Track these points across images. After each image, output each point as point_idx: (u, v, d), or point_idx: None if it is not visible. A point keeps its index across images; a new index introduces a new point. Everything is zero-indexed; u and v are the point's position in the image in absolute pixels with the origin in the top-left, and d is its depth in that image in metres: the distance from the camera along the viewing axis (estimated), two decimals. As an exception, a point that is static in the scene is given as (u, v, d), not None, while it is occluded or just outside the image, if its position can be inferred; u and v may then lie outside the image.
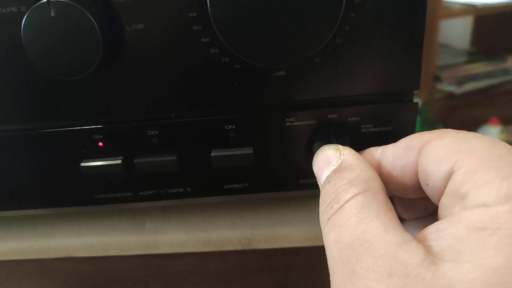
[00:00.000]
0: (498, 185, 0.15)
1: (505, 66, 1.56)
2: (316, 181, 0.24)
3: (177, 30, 0.23)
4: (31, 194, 0.28)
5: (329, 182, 0.19)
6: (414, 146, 0.19)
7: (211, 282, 0.33)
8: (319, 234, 0.31)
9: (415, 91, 0.26)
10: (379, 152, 0.21)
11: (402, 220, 0.22)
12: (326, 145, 0.22)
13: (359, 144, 0.22)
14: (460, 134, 0.18)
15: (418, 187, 0.19)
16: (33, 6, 0.21)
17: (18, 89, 0.25)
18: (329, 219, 0.18)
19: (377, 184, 0.18)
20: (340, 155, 0.20)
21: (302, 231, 0.32)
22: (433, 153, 0.18)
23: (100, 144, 0.26)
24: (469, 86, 1.44)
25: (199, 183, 0.27)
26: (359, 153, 0.22)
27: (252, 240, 0.32)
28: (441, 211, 0.17)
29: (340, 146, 0.21)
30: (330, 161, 0.20)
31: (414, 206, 0.22)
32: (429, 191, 0.18)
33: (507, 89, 1.51)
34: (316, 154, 0.22)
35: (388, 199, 0.18)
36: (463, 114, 1.38)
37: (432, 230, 0.16)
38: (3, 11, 0.23)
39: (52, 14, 0.21)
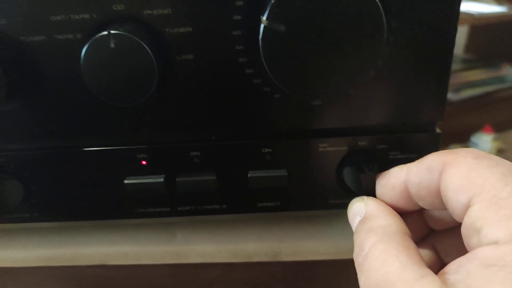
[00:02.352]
0: (507, 223, 0.16)
1: (500, 73, 1.60)
2: (343, 201, 0.26)
3: (223, 61, 0.25)
4: (77, 207, 0.29)
5: (357, 232, 0.22)
6: (435, 168, 0.20)
7: (236, 290, 0.35)
8: (341, 248, 0.34)
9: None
10: (404, 173, 0.23)
11: (433, 231, 0.25)
12: (354, 199, 0.24)
13: (387, 169, 0.24)
14: (475, 163, 0.19)
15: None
16: (94, 37, 0.22)
17: (70, 109, 0.26)
18: (359, 264, 0.20)
19: (395, 227, 0.21)
20: (364, 206, 0.23)
21: (325, 245, 0.34)
22: (451, 182, 0.19)
23: (144, 162, 0.28)
24: (466, 93, 1.48)
25: (235, 200, 0.29)
26: (386, 173, 0.24)
27: (278, 253, 0.34)
28: (463, 237, 0.19)
29: (365, 198, 0.24)
30: (357, 212, 0.23)
31: (443, 217, 0.24)
32: (451, 212, 0.20)
33: (502, 96, 1.55)
34: (348, 207, 0.24)
35: (407, 238, 0.20)
36: (460, 121, 1.42)
37: (454, 266, 0.18)
38: (59, 37, 0.25)
39: (112, 45, 0.22)
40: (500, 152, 1.36)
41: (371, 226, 0.21)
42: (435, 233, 0.25)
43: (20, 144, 0.28)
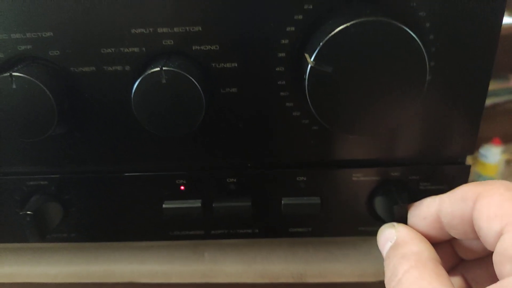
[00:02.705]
0: None
1: (509, 85, 1.60)
2: (372, 229, 0.27)
3: (265, 94, 0.26)
4: (114, 228, 0.30)
5: (389, 257, 0.23)
6: (468, 199, 0.21)
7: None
8: (365, 271, 0.34)
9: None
10: (437, 203, 0.23)
11: (463, 261, 0.25)
12: (385, 225, 0.25)
13: (418, 199, 0.25)
14: (508, 194, 0.20)
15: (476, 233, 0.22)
16: (147, 73, 0.23)
17: (114, 137, 0.27)
18: None
19: (427, 254, 0.22)
20: (395, 232, 0.24)
21: (350, 268, 0.35)
22: (484, 211, 0.20)
23: (182, 188, 0.29)
24: (474, 105, 1.48)
25: (267, 225, 0.30)
26: (418, 203, 0.25)
27: (304, 275, 0.35)
28: (495, 264, 0.20)
29: (395, 224, 0.24)
30: (388, 238, 0.24)
31: (474, 247, 0.24)
32: (483, 240, 0.21)
33: (510, 107, 1.55)
34: (378, 232, 0.25)
35: (439, 265, 0.21)
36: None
37: None
38: (109, 69, 0.26)
39: (164, 81, 0.23)
40: (508, 164, 1.36)
41: (404, 252, 0.22)
42: (465, 263, 0.26)
43: (63, 168, 0.29)
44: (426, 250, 0.22)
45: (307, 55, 0.23)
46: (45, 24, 0.24)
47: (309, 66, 0.22)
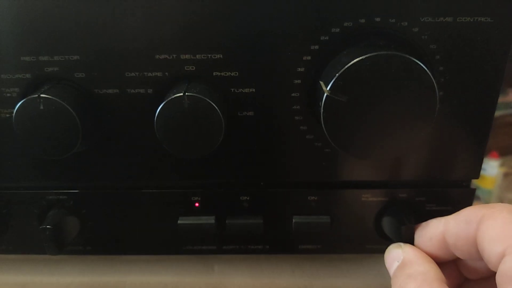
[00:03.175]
0: None
1: (507, 99, 1.62)
2: (379, 247, 0.28)
3: (281, 118, 0.27)
4: (128, 242, 0.31)
5: (396, 277, 0.24)
6: (472, 221, 0.22)
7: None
8: (370, 286, 0.35)
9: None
10: (442, 225, 0.24)
11: (468, 280, 0.26)
12: (392, 245, 0.26)
13: (423, 220, 0.26)
14: (510, 216, 0.21)
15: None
16: (170, 98, 0.24)
17: (133, 155, 0.28)
18: None
19: (432, 274, 0.23)
20: (402, 252, 0.25)
21: (355, 283, 0.35)
22: (487, 233, 0.21)
23: (197, 204, 0.30)
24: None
25: (278, 242, 0.31)
26: (424, 224, 0.26)
27: (311, 289, 0.36)
28: (498, 285, 0.21)
29: (402, 245, 0.25)
30: (395, 258, 0.25)
31: (478, 267, 0.25)
32: (486, 261, 0.22)
33: (508, 121, 1.57)
34: (386, 252, 0.26)
35: (444, 285, 0.22)
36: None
37: None
38: (132, 91, 0.27)
39: (186, 105, 0.24)
40: (506, 176, 1.37)
41: (410, 272, 0.23)
42: (469, 282, 0.27)
43: (82, 183, 0.30)
44: (432, 270, 0.23)
45: (322, 83, 0.24)
46: (73, 47, 0.25)
47: (325, 94, 0.23)
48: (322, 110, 0.24)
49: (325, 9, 0.24)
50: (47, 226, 0.28)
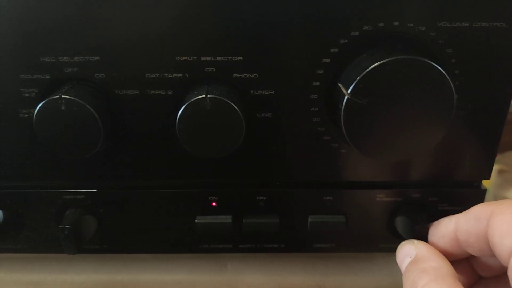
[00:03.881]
0: None
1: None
2: (392, 245, 0.29)
3: (298, 120, 0.28)
4: (146, 241, 0.31)
5: (408, 271, 0.24)
6: (482, 217, 0.23)
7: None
8: (381, 284, 0.36)
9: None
10: (453, 223, 0.25)
11: (482, 278, 0.27)
12: (404, 241, 0.26)
13: (436, 219, 0.27)
14: None
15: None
16: (192, 100, 0.25)
17: (153, 155, 0.29)
18: None
19: (446, 270, 0.23)
20: (415, 248, 0.25)
21: (366, 280, 0.36)
22: (497, 228, 0.22)
23: (214, 204, 0.30)
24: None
25: (293, 241, 0.32)
26: (436, 223, 0.26)
27: (322, 286, 0.36)
28: (510, 280, 0.22)
29: (415, 241, 0.26)
30: (407, 254, 0.25)
31: (491, 264, 0.26)
32: (498, 257, 0.22)
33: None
34: (398, 248, 0.26)
35: (457, 281, 0.22)
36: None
37: None
38: (152, 93, 0.27)
39: (208, 107, 0.25)
40: (501, 173, 1.39)
41: (424, 267, 0.23)
42: (483, 280, 0.27)
43: (100, 183, 0.30)
44: (445, 266, 0.23)
45: (341, 86, 0.25)
46: (93, 48, 0.26)
47: (346, 97, 0.24)
48: (342, 113, 0.24)
49: (345, 13, 0.25)
50: (66, 226, 0.29)
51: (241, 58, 0.26)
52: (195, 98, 0.25)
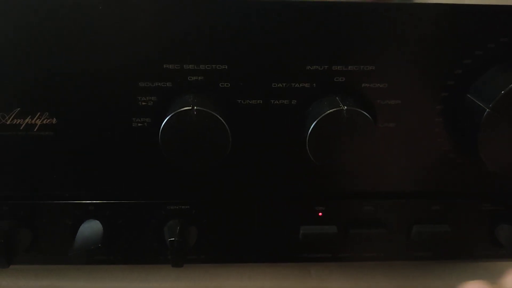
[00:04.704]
0: None
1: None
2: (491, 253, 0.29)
3: (420, 130, 0.27)
4: (250, 250, 0.31)
5: None
6: None
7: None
8: None
9: None
10: None
11: None
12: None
13: None
14: None
15: None
16: (328, 112, 0.24)
17: (268, 166, 0.28)
18: None
19: None
20: None
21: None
22: None
23: (320, 214, 0.30)
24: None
25: (394, 249, 0.31)
26: None
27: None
28: None
29: None
30: None
31: None
32: None
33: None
34: None
35: None
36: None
37: None
38: (275, 102, 0.26)
39: (345, 115, 0.24)
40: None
41: None
42: None
43: (203, 194, 0.29)
44: None
45: (474, 99, 0.24)
46: (220, 56, 0.24)
47: (486, 111, 0.24)
48: (481, 127, 0.24)
49: (483, 23, 0.24)
50: (175, 239, 0.28)
51: (373, 68, 0.25)
52: (331, 110, 0.24)
